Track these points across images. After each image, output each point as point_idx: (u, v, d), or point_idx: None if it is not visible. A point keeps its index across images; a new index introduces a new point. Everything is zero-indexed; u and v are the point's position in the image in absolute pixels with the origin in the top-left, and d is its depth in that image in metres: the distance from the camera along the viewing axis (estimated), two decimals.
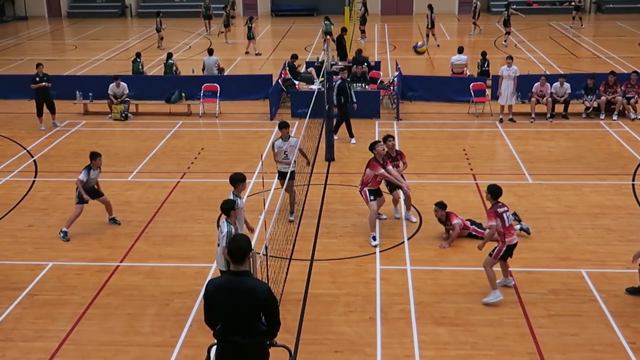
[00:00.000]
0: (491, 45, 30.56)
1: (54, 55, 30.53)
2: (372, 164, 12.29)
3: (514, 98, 19.53)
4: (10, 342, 9.72)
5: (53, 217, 13.82)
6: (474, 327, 9.86)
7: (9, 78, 24.41)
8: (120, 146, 18.43)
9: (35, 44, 34.23)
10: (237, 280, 6.23)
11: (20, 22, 40.98)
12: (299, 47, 29.74)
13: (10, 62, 29.11)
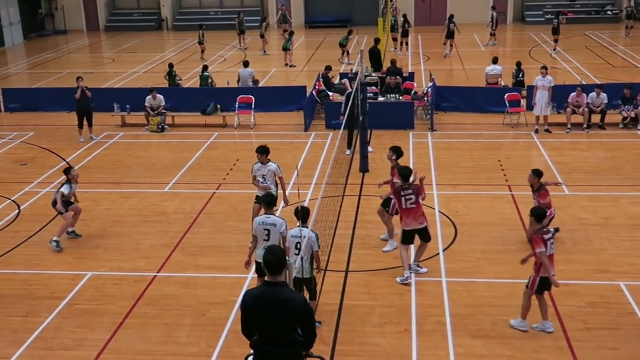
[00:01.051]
0: (526, 56, 30.34)
1: (93, 69, 31.07)
2: None
3: (549, 109, 19.37)
4: (50, 351, 9.91)
5: (92, 228, 14.05)
6: (511, 340, 9.79)
7: (49, 91, 24.91)
8: (157, 158, 18.68)
9: (74, 58, 34.87)
10: (273, 291, 6.28)
11: (60, 36, 41.80)
12: (333, 58, 29.86)
13: (50, 75, 29.70)
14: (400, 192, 11.26)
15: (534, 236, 9.70)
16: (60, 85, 26.45)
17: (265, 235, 10.08)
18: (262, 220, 10.15)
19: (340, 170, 15.76)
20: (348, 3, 41.55)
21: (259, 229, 10.12)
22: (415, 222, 11.29)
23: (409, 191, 11.26)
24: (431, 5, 41.00)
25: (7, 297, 11.49)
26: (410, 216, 11.23)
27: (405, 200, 11.21)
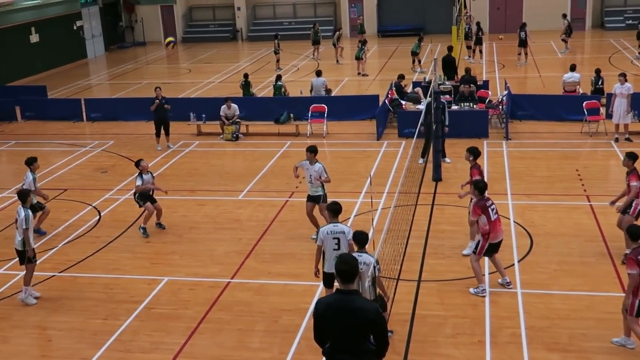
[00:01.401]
0: (605, 62, 29.51)
1: (170, 79, 31.86)
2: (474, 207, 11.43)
3: (629, 116, 18.79)
4: (128, 353, 10.19)
5: (169, 234, 14.39)
6: (588, 354, 9.53)
7: (128, 101, 25.68)
8: (231, 166, 19.00)
9: (152, 68, 35.83)
10: (346, 299, 6.30)
11: (139, 47, 43.02)
12: (406, 67, 29.74)
13: (129, 85, 30.61)
14: (485, 205, 11.10)
15: (628, 257, 9.29)
16: (138, 95, 27.23)
17: (334, 244, 10.12)
18: (330, 229, 10.18)
19: (412, 179, 15.66)
20: (421, 11, 41.34)
21: (327, 238, 10.14)
22: (502, 231, 11.29)
23: (490, 202, 11.23)
24: (506, 12, 40.38)
25: (88, 300, 11.88)
26: (498, 227, 11.14)
27: (491, 211, 11.10)
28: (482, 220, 11.03)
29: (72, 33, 37.83)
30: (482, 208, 11.06)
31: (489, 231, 11.02)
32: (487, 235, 11.04)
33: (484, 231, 11.05)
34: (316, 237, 12.33)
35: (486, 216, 11.01)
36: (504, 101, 21.22)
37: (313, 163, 13.28)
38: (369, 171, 17.33)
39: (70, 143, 21.84)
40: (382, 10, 41.86)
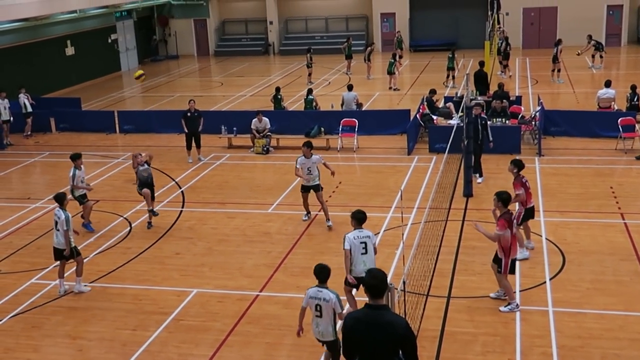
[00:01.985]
0: None
1: (202, 92, 32.12)
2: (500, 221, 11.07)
3: None
4: None
5: (198, 246, 14.45)
6: None
7: (160, 113, 25.91)
8: (261, 179, 19.05)
9: (185, 81, 36.17)
10: (375, 314, 6.25)
11: (172, 60, 43.49)
12: (437, 81, 29.64)
13: (162, 98, 30.92)
14: (510, 218, 10.93)
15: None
16: (171, 107, 27.48)
17: (362, 249, 10.41)
18: (356, 234, 10.50)
19: (443, 194, 15.56)
20: (454, 26, 41.25)
21: (355, 242, 10.42)
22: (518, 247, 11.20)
23: (512, 215, 11.14)
24: (540, 28, 40.12)
25: (118, 310, 11.95)
26: (517, 242, 11.04)
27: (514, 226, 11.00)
28: (507, 235, 10.81)
29: (107, 46, 38.40)
30: (509, 222, 10.86)
31: (510, 246, 10.81)
32: (509, 251, 10.83)
33: (506, 247, 10.81)
34: (307, 219, 15.30)
35: (510, 230, 10.85)
36: (536, 117, 21.02)
37: (309, 156, 14.85)
38: (399, 186, 17.25)
39: (103, 155, 22.10)
40: (414, 25, 41.86)
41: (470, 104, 16.61)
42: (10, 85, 26.22)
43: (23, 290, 12.83)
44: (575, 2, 38.76)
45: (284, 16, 44.35)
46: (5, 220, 16.59)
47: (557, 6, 39.54)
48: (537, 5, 39.85)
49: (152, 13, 44.13)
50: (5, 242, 15.32)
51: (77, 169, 15.24)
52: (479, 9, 39.69)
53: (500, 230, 10.83)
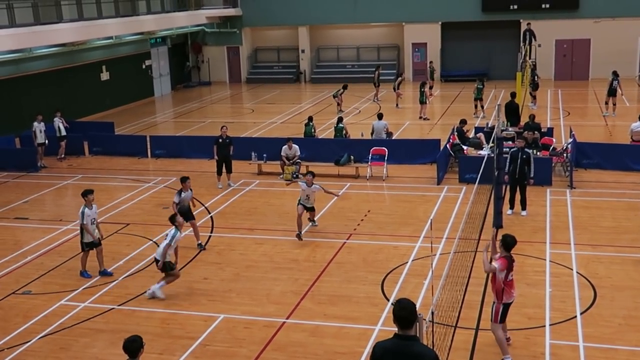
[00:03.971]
0: None
1: (233, 118, 32.40)
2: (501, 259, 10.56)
3: None
4: None
5: (226, 271, 14.49)
6: None
7: (192, 139, 26.18)
8: (290, 206, 19.02)
9: (216, 107, 36.54)
10: (404, 344, 6.20)
11: (204, 87, 43.99)
12: (468, 112, 29.59)
13: (193, 124, 31.23)
14: (511, 263, 10.40)
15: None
16: (202, 133, 27.74)
17: None
18: None
19: (472, 225, 15.43)
20: (486, 57, 41.25)
21: None
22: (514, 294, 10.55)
23: (513, 262, 10.46)
24: (572, 60, 39.94)
25: (145, 334, 11.91)
26: (513, 287, 10.45)
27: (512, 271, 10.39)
28: (501, 276, 10.27)
29: (141, 72, 39.00)
30: (509, 265, 10.30)
31: (503, 290, 10.31)
32: (502, 295, 10.34)
33: (499, 289, 10.31)
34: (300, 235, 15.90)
35: (506, 274, 10.28)
36: (568, 149, 20.85)
37: (310, 185, 15.92)
38: (429, 216, 17.17)
39: (134, 179, 22.33)
40: (445, 55, 41.94)
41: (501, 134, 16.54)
42: (47, 109, 26.75)
43: (52, 312, 12.94)
44: (608, 34, 38.53)
45: (316, 44, 44.72)
46: (37, 242, 16.81)
47: (590, 38, 39.36)
48: (570, 37, 39.71)
49: (186, 40, 44.77)
50: (37, 263, 15.50)
51: (88, 206, 14.25)
52: (511, 40, 39.68)
53: (500, 267, 10.28)
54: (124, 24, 33.46)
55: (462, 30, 41.04)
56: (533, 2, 38.96)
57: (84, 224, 14.23)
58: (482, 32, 40.77)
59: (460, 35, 41.33)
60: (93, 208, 14.45)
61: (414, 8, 41.00)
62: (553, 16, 38.99)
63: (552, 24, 38.93)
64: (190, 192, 16.12)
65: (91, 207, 14.38)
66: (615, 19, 38.38)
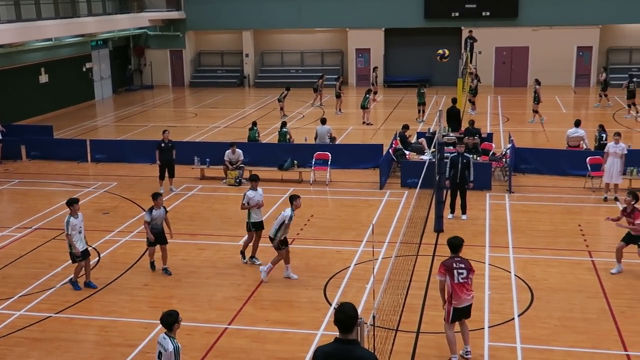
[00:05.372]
0: (610, 119, 29.70)
1: (176, 122, 32.06)
2: None
3: (620, 177, 18.72)
4: None
5: (167, 278, 14.31)
6: None
7: (133, 143, 25.81)
8: (233, 211, 18.94)
9: (159, 111, 36.11)
10: (345, 348, 6.22)
11: (146, 90, 43.42)
12: (411, 117, 29.95)
13: (135, 128, 30.80)
14: (451, 265, 10.47)
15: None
16: (144, 137, 27.38)
17: None
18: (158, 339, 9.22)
19: (414, 229, 15.63)
20: (428, 63, 41.75)
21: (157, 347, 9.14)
22: (468, 296, 10.50)
23: (461, 264, 10.48)
24: (512, 67, 40.81)
25: (84, 342, 11.76)
26: (464, 291, 10.42)
27: (457, 273, 10.39)
28: (448, 282, 10.49)
29: (81, 74, 38.27)
30: (447, 268, 10.43)
31: (451, 294, 10.42)
32: (450, 298, 10.45)
33: (449, 294, 10.48)
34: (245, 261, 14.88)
35: (450, 277, 10.40)
36: (507, 154, 21.29)
37: (256, 189, 14.95)
38: (371, 220, 17.30)
39: (74, 183, 21.90)
40: (388, 61, 42.35)
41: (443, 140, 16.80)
42: None
43: None
44: (546, 43, 39.53)
45: (260, 49, 44.63)
46: None
47: (528, 46, 40.29)
48: (510, 45, 40.57)
49: (128, 43, 44.13)
50: None
51: (73, 216, 13.53)
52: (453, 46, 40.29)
53: (439, 275, 10.55)
54: (63, 25, 32.73)
55: (405, 36, 41.52)
56: (474, 10, 39.68)
57: (68, 234, 13.40)
58: (425, 39, 41.28)
59: (403, 41, 41.80)
60: (79, 217, 13.61)
61: (357, 14, 41.29)
62: (493, 24, 39.76)
63: (492, 32, 39.70)
64: (163, 210, 14.33)
65: (77, 216, 13.55)
66: (552, 27, 39.40)
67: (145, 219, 14.24)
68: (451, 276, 10.42)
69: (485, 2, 39.40)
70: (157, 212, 14.20)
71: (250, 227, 14.91)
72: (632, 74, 32.13)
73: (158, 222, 14.24)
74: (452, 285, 10.41)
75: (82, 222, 13.72)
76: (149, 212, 14.18)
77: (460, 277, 10.43)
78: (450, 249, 10.70)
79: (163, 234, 14.36)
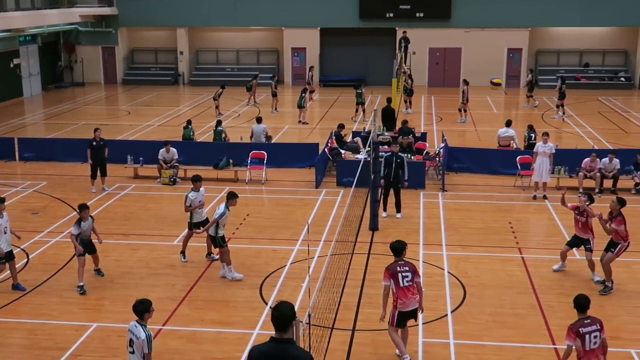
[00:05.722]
0: (539, 119, 30.53)
1: (108, 120, 31.44)
2: None
3: (549, 175, 19.26)
4: None
5: (99, 279, 14.02)
6: None
7: (64, 141, 25.18)
8: (167, 210, 18.72)
9: (90, 109, 35.34)
10: (280, 347, 6.22)
11: (77, 87, 42.44)
12: (346, 116, 30.14)
13: (66, 126, 30.07)
14: (395, 269, 10.47)
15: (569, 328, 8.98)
16: (75, 136, 26.76)
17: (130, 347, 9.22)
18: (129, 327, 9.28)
19: (349, 227, 15.74)
20: (363, 63, 42.14)
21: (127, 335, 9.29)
22: (414, 300, 10.46)
23: (406, 268, 10.48)
24: (445, 67, 41.50)
25: (12, 346, 11.43)
26: (408, 295, 10.40)
27: (402, 277, 10.37)
28: (392, 286, 10.42)
29: (9, 71, 37.13)
30: (391, 272, 10.43)
31: (396, 299, 10.44)
32: (396, 302, 10.48)
33: (394, 298, 10.49)
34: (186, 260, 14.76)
35: (394, 282, 10.38)
36: (440, 153, 21.65)
37: (198, 189, 14.79)
38: (307, 219, 17.34)
39: (1, 183, 21.23)
40: (324, 61, 42.49)
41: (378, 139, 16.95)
42: None
43: None
44: (478, 44, 40.34)
45: (195, 47, 44.17)
46: None
47: (461, 47, 41.04)
48: (443, 46, 41.25)
49: (58, 39, 43.04)
50: None
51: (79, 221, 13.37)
52: (387, 46, 40.78)
53: (384, 280, 10.51)
54: None
55: (341, 36, 41.73)
56: (408, 11, 40.16)
57: None
58: (360, 39, 41.63)
59: (338, 41, 42.01)
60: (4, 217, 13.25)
61: (293, 13, 41.30)
62: (427, 25, 40.34)
63: (426, 33, 40.29)
64: (90, 221, 13.72)
65: (2, 215, 13.19)
66: (484, 29, 40.23)
67: (72, 232, 13.49)
68: (396, 280, 10.39)
69: (419, 4, 39.95)
70: (85, 224, 13.62)
71: (192, 227, 14.91)
72: (563, 76, 33.08)
73: (87, 234, 13.72)
74: (397, 289, 10.37)
75: (7, 223, 13.32)
76: (77, 225, 13.48)
77: (405, 281, 10.40)
78: (394, 253, 10.69)
79: (91, 243, 13.89)
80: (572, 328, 8.80)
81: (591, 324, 8.85)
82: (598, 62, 41.70)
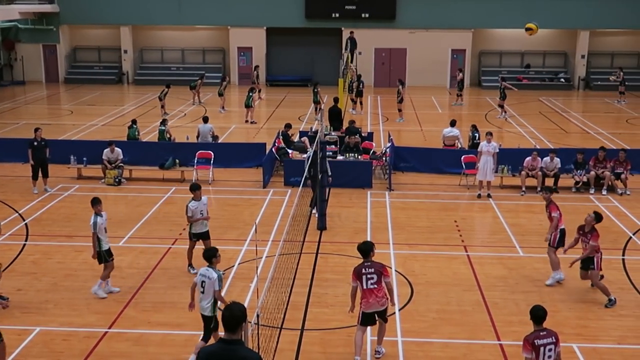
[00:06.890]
0: (482, 119, 31.07)
1: (50, 120, 30.78)
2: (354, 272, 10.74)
3: (493, 174, 19.60)
4: None
5: (42, 282, 13.73)
6: None
7: (3, 141, 24.52)
8: (112, 211, 18.35)
9: (31, 109, 34.54)
10: (229, 348, 6.20)
11: (17, 86, 41.43)
12: (293, 116, 30.15)
13: (6, 125, 29.32)
14: (361, 270, 10.54)
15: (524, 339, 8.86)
16: (15, 135, 26.11)
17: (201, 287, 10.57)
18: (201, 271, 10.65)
19: (297, 227, 15.75)
20: (309, 62, 42.22)
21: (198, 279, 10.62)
22: (377, 303, 10.44)
23: (371, 269, 10.47)
24: (390, 68, 41.87)
25: None
26: (372, 296, 10.40)
27: (366, 279, 10.39)
28: (356, 286, 10.48)
29: None
30: (357, 274, 10.47)
31: (362, 299, 10.50)
32: (361, 302, 10.53)
33: (361, 297, 10.56)
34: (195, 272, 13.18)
35: (360, 283, 10.43)
36: (387, 153, 21.84)
37: (199, 199, 13.86)
38: (255, 219, 17.28)
39: None
40: (270, 60, 42.44)
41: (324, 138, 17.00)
42: None
43: None
44: (422, 45, 40.86)
45: (139, 45, 43.57)
46: None
47: (406, 48, 41.48)
48: (388, 46, 41.63)
49: None
50: None
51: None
52: (333, 46, 40.95)
53: (352, 281, 10.56)
54: None
55: (287, 35, 41.74)
56: (353, 11, 40.41)
57: None
58: (306, 39, 41.71)
59: (285, 40, 42.01)
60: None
61: (239, 12, 41.11)
62: (372, 25, 40.67)
63: (371, 33, 40.60)
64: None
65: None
66: (428, 30, 40.76)
67: None
68: (361, 282, 10.43)
69: (365, 4, 40.22)
70: None
71: (192, 237, 13.98)
72: (504, 77, 33.75)
73: None
74: (362, 290, 10.45)
75: None
76: None
77: (370, 283, 10.41)
78: (361, 254, 10.75)
79: None
80: (528, 339, 8.80)
81: (547, 336, 8.79)
82: (539, 64, 42.70)
